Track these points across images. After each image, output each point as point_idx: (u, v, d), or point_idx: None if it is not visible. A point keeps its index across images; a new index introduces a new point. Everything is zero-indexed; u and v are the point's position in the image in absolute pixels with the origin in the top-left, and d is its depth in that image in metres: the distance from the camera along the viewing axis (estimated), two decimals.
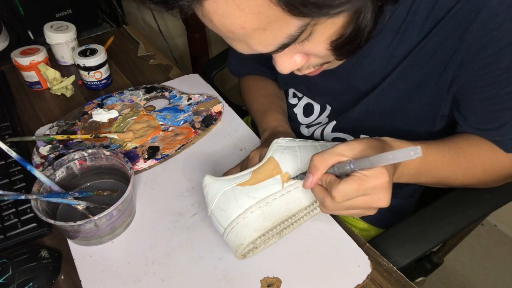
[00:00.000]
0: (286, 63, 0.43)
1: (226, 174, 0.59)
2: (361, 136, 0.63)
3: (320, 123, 0.69)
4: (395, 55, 0.51)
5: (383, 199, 0.42)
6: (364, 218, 0.72)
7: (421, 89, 0.52)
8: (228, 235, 0.47)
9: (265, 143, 0.59)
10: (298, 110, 0.72)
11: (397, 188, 0.71)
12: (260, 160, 0.52)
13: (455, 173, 0.53)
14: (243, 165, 0.58)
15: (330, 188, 0.42)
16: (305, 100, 0.70)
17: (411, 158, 0.35)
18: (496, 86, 0.47)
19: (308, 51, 0.42)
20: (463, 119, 0.53)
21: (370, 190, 0.41)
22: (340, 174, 0.42)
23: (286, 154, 0.50)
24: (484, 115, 0.51)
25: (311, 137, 0.71)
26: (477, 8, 0.43)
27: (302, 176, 0.48)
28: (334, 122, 0.66)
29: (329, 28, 0.38)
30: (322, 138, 0.69)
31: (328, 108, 0.67)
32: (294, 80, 0.68)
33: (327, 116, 0.67)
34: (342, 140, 0.67)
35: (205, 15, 0.34)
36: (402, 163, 0.47)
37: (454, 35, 0.45)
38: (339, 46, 0.41)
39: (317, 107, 0.69)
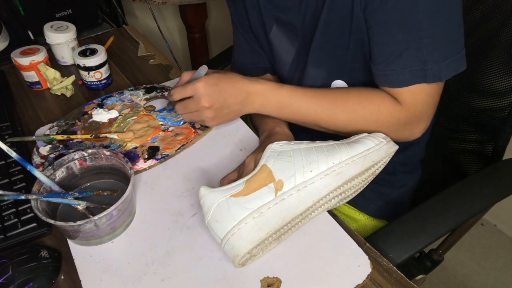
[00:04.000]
0: None
1: (223, 179, 0.59)
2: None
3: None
4: None
5: (200, 98, 0.59)
6: (364, 210, 0.72)
7: (345, 25, 0.56)
8: (224, 246, 0.47)
9: (262, 146, 0.60)
10: None
11: (391, 175, 0.71)
12: (255, 166, 0.52)
13: (320, 109, 0.59)
14: (240, 170, 0.58)
15: None
16: None
17: (201, 75, 0.58)
18: (385, 20, 0.51)
19: None
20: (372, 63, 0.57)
21: (193, 93, 0.59)
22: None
23: (279, 160, 0.50)
24: (378, 52, 0.54)
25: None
26: None
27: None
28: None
29: None
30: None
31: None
32: (267, 51, 0.74)
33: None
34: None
35: None
36: (259, 93, 0.60)
37: None
38: None
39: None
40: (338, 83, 0.64)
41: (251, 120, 0.75)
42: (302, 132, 0.65)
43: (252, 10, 0.69)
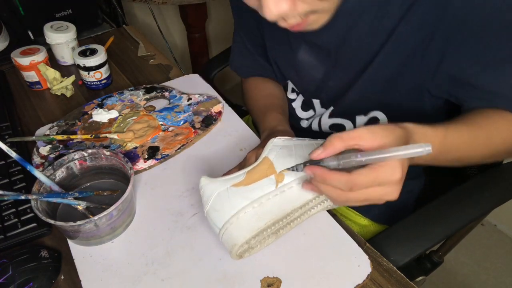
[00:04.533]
0: (272, 7, 0.42)
1: (225, 175, 0.59)
2: (357, 117, 0.64)
3: (319, 115, 0.69)
4: (381, 29, 0.51)
5: (395, 192, 0.41)
6: (365, 214, 0.72)
7: (409, 62, 0.52)
8: (223, 235, 0.47)
9: (263, 143, 0.59)
10: (297, 104, 0.73)
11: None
12: (256, 160, 0.52)
13: (475, 149, 0.51)
14: (241, 166, 0.58)
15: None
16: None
17: (422, 155, 0.35)
18: (490, 50, 0.47)
19: None
20: (468, 95, 0.52)
21: (385, 182, 0.40)
22: (344, 165, 0.40)
23: (281, 153, 0.50)
24: (484, 84, 0.50)
25: (309, 128, 0.71)
26: None
27: (300, 166, 0.45)
28: (331, 108, 0.66)
29: None
30: (319, 127, 0.69)
31: (319, 101, 0.67)
32: (287, 67, 0.69)
33: (322, 107, 0.68)
34: (340, 127, 0.67)
35: None
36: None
37: (437, 6, 0.46)
38: None
39: (316, 101, 0.69)
40: (377, 113, 0.61)
41: (251, 118, 0.75)
42: (303, 131, 0.65)
43: (271, 27, 0.63)
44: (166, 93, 0.76)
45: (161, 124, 0.69)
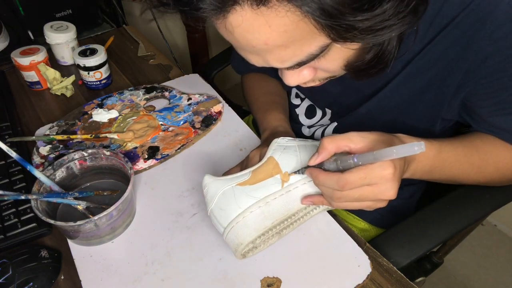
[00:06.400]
0: (294, 77, 0.43)
1: (226, 174, 0.59)
2: None
3: (322, 125, 0.69)
4: (398, 61, 0.50)
5: (390, 190, 0.41)
6: (365, 218, 0.72)
7: (423, 92, 0.52)
8: (228, 234, 0.47)
9: (265, 143, 0.59)
10: (300, 111, 0.72)
11: (398, 189, 0.71)
12: (260, 160, 0.52)
13: (468, 170, 0.53)
14: (243, 165, 0.58)
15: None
16: (308, 102, 0.71)
17: (415, 153, 0.35)
18: (504, 92, 0.47)
19: (319, 67, 0.41)
20: (474, 122, 0.53)
21: (376, 180, 0.40)
22: (343, 168, 0.42)
23: (285, 153, 0.50)
24: (494, 119, 0.51)
25: (311, 137, 0.71)
26: (482, 18, 0.43)
27: (303, 170, 0.48)
28: (335, 124, 0.66)
29: (347, 49, 0.38)
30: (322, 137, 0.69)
31: (329, 111, 0.67)
32: None
33: (329, 119, 0.67)
34: None
35: (226, 27, 0.33)
36: (415, 160, 0.48)
37: (458, 43, 0.46)
38: (359, 69, 0.41)
39: (319, 109, 0.69)
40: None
41: (252, 117, 0.75)
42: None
43: None
44: (166, 93, 0.76)
45: (161, 124, 0.69)
